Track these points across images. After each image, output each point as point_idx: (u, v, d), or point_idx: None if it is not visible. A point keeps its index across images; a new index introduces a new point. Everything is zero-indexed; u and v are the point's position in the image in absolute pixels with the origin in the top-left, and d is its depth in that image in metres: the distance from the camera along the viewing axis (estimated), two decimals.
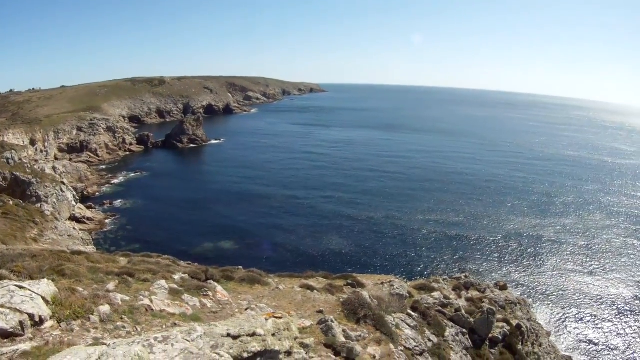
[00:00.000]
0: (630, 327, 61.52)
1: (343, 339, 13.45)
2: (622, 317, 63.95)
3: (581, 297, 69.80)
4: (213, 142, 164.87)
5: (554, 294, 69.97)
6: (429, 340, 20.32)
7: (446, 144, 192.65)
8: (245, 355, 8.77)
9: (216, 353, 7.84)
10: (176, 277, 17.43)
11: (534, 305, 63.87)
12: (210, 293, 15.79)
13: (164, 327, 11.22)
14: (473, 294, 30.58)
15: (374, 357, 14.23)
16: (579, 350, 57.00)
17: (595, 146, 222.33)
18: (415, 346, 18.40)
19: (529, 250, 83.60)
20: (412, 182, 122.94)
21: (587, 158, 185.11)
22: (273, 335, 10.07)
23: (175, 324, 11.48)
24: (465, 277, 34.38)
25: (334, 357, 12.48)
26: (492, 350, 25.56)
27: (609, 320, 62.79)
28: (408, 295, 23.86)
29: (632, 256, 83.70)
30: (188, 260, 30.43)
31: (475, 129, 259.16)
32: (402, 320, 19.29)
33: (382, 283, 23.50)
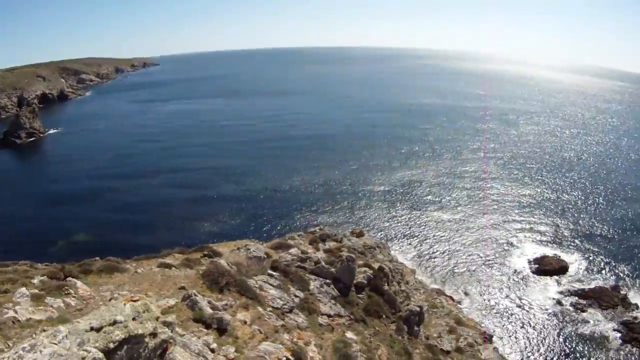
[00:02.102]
0: (481, 253, 76.03)
1: (210, 311, 13.84)
2: (474, 246, 78.11)
3: (437, 233, 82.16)
4: (52, 131, 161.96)
5: (413, 234, 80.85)
6: (295, 296, 21.73)
7: (292, 105, 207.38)
8: (112, 345, 8.99)
9: (84, 350, 8.11)
10: (35, 281, 17.24)
11: (395, 247, 73.41)
12: (71, 291, 15.72)
13: (34, 335, 11.08)
14: (331, 244, 32.97)
15: (245, 322, 14.93)
16: (445, 282, 67.45)
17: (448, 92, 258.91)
18: (283, 304, 19.61)
19: (383, 196, 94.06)
20: (255, 146, 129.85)
21: (433, 104, 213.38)
22: (134, 319, 10.27)
23: (45, 330, 11.27)
24: (320, 229, 36.76)
25: (205, 330, 12.88)
26: (360, 295, 28.17)
27: (466, 252, 75.63)
28: (266, 256, 24.95)
29: (476, 193, 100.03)
30: (46, 261, 29.07)
31: (320, 85, 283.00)
32: (264, 282, 20.28)
33: (238, 248, 24.17)
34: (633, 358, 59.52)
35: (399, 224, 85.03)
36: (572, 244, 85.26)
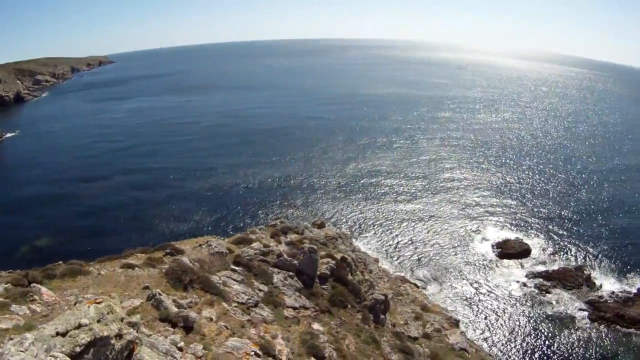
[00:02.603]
0: (443, 240, 79.63)
1: (176, 309, 14.06)
2: (436, 233, 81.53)
3: (399, 222, 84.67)
4: (8, 135, 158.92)
5: (375, 224, 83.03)
6: (260, 290, 22.09)
7: (248, 99, 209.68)
8: (78, 349, 9.13)
9: (51, 356, 8.21)
10: None
11: (357, 237, 75.12)
12: (36, 297, 15.67)
13: (1, 345, 10.98)
14: (292, 237, 33.43)
15: (211, 319, 15.21)
16: (409, 269, 69.46)
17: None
18: (248, 299, 19.94)
19: (343, 188, 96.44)
20: (213, 143, 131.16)
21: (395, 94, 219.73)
22: (98, 321, 10.42)
23: (12, 339, 11.19)
24: (281, 222, 37.20)
25: (171, 329, 13.09)
26: (324, 286, 28.74)
27: (428, 239, 78.80)
28: (228, 251, 25.19)
29: (436, 180, 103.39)
30: (9, 268, 28.64)
31: (277, 79, 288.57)
32: (228, 277, 20.57)
33: (200, 245, 24.33)
34: (601, 336, 62.31)
35: (360, 214, 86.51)
36: (534, 227, 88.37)
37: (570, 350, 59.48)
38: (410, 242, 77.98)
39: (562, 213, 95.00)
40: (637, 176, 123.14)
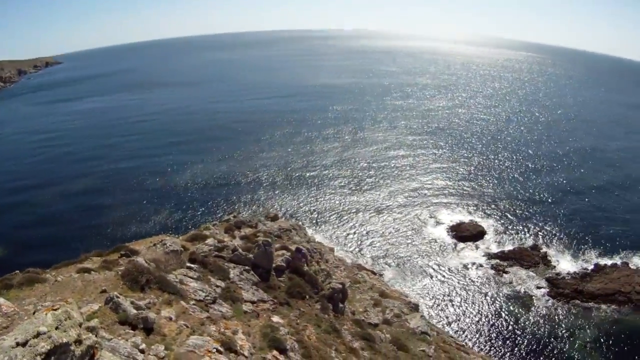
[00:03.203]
0: (398, 226, 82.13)
1: (135, 311, 14.19)
2: (390, 219, 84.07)
3: (352, 210, 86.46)
4: None
5: (329, 213, 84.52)
6: (217, 286, 22.35)
7: (196, 94, 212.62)
8: (39, 358, 9.24)
9: None
10: None
11: (312, 227, 76.24)
12: None
13: None
14: (246, 231, 33.77)
15: (170, 318, 15.42)
16: (365, 257, 70.95)
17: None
18: (206, 296, 20.18)
19: (296, 179, 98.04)
20: (161, 142, 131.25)
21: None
22: (57, 328, 10.50)
23: None
24: (235, 217, 37.43)
25: (132, 331, 13.25)
26: (281, 279, 29.20)
27: (383, 226, 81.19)
28: (182, 249, 25.29)
29: (388, 168, 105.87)
30: None
31: (224, 73, 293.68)
32: (184, 275, 20.76)
33: (155, 244, 24.29)
34: (561, 312, 65.25)
35: (314, 205, 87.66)
36: (487, 209, 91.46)
37: (531, 327, 62.13)
38: (365, 229, 79.56)
39: (515, 194, 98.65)
40: (588, 157, 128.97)
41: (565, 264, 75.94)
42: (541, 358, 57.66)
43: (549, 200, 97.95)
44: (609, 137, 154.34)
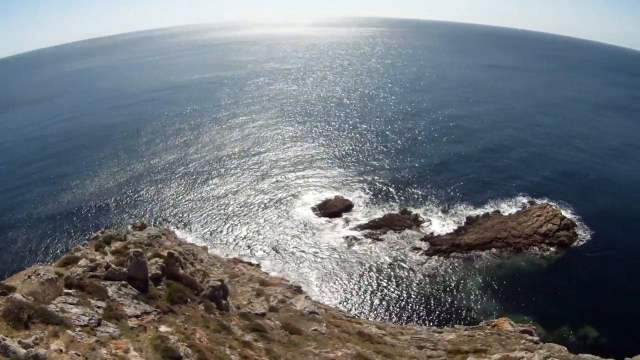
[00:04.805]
0: (266, 212, 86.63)
1: (24, 350, 14.16)
2: (258, 207, 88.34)
3: (218, 205, 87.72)
4: None
5: (196, 213, 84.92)
6: (98, 307, 22.33)
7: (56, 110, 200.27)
8: None
9: None
10: None
11: (185, 229, 76.38)
12: None
13: None
14: (117, 245, 33.52)
15: (61, 350, 15.54)
16: (240, 250, 72.33)
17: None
18: (90, 320, 20.21)
19: (155, 183, 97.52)
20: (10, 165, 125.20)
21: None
22: None
23: None
24: (102, 232, 36.77)
25: None
26: (159, 287, 29.51)
27: (251, 215, 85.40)
28: (57, 276, 24.72)
29: (245, 158, 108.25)
30: None
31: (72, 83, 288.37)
32: (64, 303, 20.55)
33: (29, 277, 23.47)
34: (444, 267, 71.06)
35: (179, 207, 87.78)
36: (351, 182, 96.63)
37: (419, 287, 67.29)
38: (235, 222, 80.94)
39: (377, 164, 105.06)
40: (444, 123, 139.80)
41: (438, 222, 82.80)
42: (437, 312, 62.95)
43: (411, 165, 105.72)
44: (463, 102, 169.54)
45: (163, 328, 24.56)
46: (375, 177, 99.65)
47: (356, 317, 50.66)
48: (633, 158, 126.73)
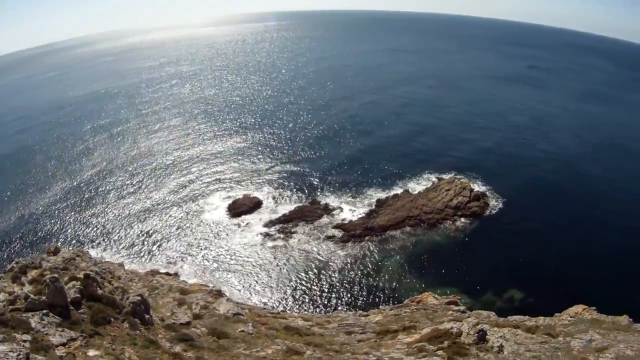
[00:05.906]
0: (177, 221, 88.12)
1: None
2: (168, 216, 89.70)
3: (128, 219, 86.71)
4: None
5: (106, 230, 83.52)
6: (24, 341, 22.73)
7: None
8: None
9: None
10: None
11: (98, 247, 75.15)
12: None
13: None
14: (33, 274, 33.36)
15: None
16: (156, 262, 72.37)
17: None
18: (18, 356, 20.73)
19: (62, 202, 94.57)
20: None
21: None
22: None
23: None
24: (17, 263, 36.41)
25: None
26: (81, 310, 29.94)
27: (162, 225, 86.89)
28: None
29: (152, 166, 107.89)
30: None
31: None
32: None
33: None
34: (360, 251, 73.90)
35: (89, 227, 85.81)
36: (257, 180, 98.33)
37: (339, 275, 69.82)
38: (147, 235, 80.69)
39: (280, 158, 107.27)
40: (339, 112, 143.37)
41: (348, 208, 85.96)
42: (361, 297, 65.67)
43: (317, 156, 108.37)
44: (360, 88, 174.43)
45: (92, 352, 25.12)
46: (281, 172, 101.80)
47: (281, 312, 52.50)
48: (536, 129, 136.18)
